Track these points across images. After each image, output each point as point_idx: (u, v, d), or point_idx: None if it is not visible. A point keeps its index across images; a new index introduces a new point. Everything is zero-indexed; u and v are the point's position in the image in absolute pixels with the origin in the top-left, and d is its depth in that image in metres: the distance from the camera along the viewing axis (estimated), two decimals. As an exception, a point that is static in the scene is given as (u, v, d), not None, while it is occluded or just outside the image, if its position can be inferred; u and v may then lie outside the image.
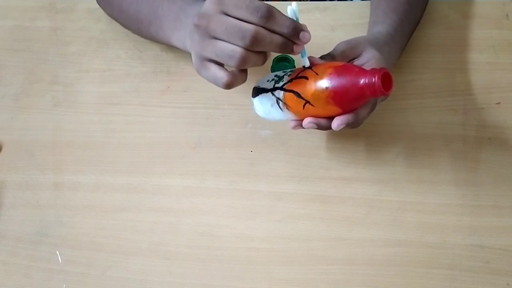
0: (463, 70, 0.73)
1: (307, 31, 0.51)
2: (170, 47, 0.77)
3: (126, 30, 0.78)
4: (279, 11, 0.49)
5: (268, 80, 0.60)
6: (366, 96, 0.51)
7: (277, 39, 0.50)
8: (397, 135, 0.69)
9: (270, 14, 0.49)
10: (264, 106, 0.61)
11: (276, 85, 0.58)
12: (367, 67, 0.59)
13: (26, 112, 0.75)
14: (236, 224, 0.65)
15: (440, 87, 0.72)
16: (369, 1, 0.78)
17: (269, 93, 0.59)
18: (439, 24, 0.77)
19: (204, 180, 0.68)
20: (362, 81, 0.50)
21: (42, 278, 0.63)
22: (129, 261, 0.64)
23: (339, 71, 0.52)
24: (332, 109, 0.54)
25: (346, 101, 0.53)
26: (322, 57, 0.58)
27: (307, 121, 0.57)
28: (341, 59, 0.59)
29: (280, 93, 0.58)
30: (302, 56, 0.55)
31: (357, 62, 0.61)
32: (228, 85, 0.53)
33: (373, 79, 0.50)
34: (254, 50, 0.50)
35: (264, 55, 0.52)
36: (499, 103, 0.70)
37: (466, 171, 0.67)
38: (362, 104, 0.55)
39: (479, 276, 0.61)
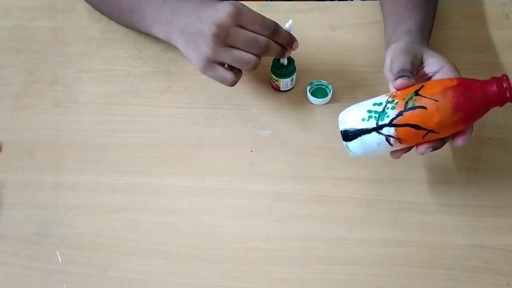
0: (463, 70, 0.72)
1: (297, 41, 0.65)
2: (170, 47, 0.77)
3: (126, 30, 0.79)
4: (281, 26, 0.63)
5: (363, 119, 0.56)
6: (494, 106, 0.52)
7: (277, 48, 0.64)
8: (397, 135, 0.69)
9: (276, 29, 0.62)
10: (366, 147, 0.57)
11: (381, 122, 0.55)
12: (443, 73, 0.58)
13: (26, 112, 0.75)
14: (236, 224, 0.65)
15: (440, 87, 0.72)
16: (369, 1, 0.78)
17: (373, 132, 0.55)
18: (439, 24, 0.77)
19: (204, 180, 0.68)
20: (492, 92, 0.51)
21: (42, 278, 0.63)
22: (129, 261, 0.64)
23: (461, 91, 0.52)
24: (457, 128, 0.54)
25: (475, 117, 0.53)
26: (400, 76, 0.56)
27: (424, 148, 0.56)
28: (414, 70, 0.58)
29: (390, 130, 0.54)
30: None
31: (429, 69, 0.59)
32: (234, 83, 0.64)
33: (504, 85, 0.50)
34: (264, 54, 0.62)
35: (260, 58, 0.63)
36: (499, 103, 0.70)
37: (466, 171, 0.67)
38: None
39: (479, 276, 0.61)
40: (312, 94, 0.72)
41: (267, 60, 0.69)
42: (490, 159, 0.68)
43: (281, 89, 0.73)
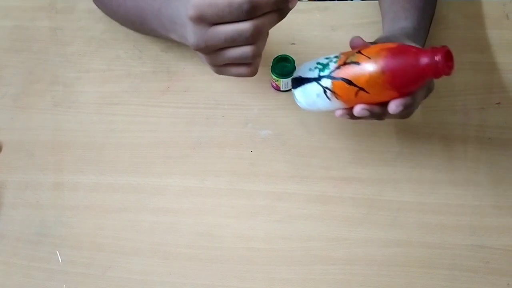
0: (463, 70, 0.73)
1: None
2: (170, 47, 0.77)
3: (126, 30, 0.79)
4: None
5: (310, 69, 0.57)
6: (427, 77, 0.49)
7: (268, 20, 0.50)
8: (397, 135, 0.69)
9: (253, 5, 0.48)
10: (307, 96, 0.57)
11: (322, 74, 0.55)
12: None
13: (26, 112, 0.75)
14: (236, 224, 0.65)
15: (440, 87, 0.72)
16: (369, 1, 0.78)
17: (314, 82, 0.56)
18: (439, 24, 0.77)
19: (204, 180, 0.68)
20: (423, 61, 0.48)
21: (42, 278, 0.63)
22: (129, 261, 0.64)
23: (395, 53, 0.50)
24: (388, 94, 0.52)
25: (405, 84, 0.51)
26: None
27: (359, 108, 0.54)
28: None
29: (327, 82, 0.55)
30: None
31: None
32: (254, 73, 0.54)
33: (435, 58, 0.48)
34: (259, 39, 0.51)
35: (267, 34, 0.52)
36: (499, 103, 0.70)
37: (466, 171, 0.67)
38: (421, 86, 0.52)
39: (479, 276, 0.61)
40: (312, 94, 0.72)
41: (267, 60, 0.69)
42: (490, 159, 0.68)
43: (281, 89, 0.73)
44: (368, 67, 0.51)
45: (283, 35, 0.78)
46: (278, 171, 0.68)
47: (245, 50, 0.51)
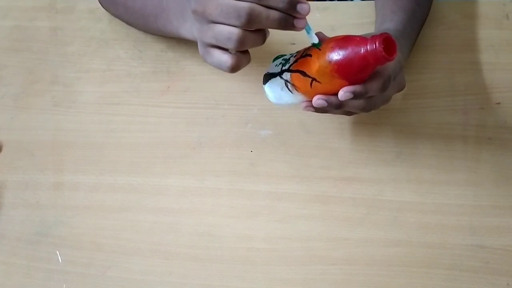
0: (463, 70, 0.73)
1: (305, 3, 0.48)
2: (170, 47, 0.77)
3: (126, 30, 0.78)
4: None
5: (276, 65, 0.60)
6: (370, 64, 0.50)
7: (274, 14, 0.48)
8: (397, 135, 0.69)
9: None
10: (274, 91, 0.60)
11: (283, 68, 0.58)
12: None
13: (26, 112, 0.75)
14: (236, 224, 0.65)
15: (440, 87, 0.72)
16: (369, 1, 0.78)
17: (278, 77, 0.58)
18: (439, 24, 0.77)
19: (204, 180, 0.68)
20: (363, 49, 0.50)
21: (42, 278, 0.63)
22: (129, 261, 0.64)
23: (340, 43, 0.52)
24: (338, 83, 0.53)
25: (351, 72, 0.52)
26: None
27: (316, 98, 0.55)
28: None
29: (287, 75, 0.57)
30: (308, 32, 0.54)
31: None
32: (233, 69, 0.51)
33: (374, 45, 0.49)
34: (252, 29, 0.49)
35: (263, 33, 0.51)
36: (499, 103, 0.70)
37: (466, 171, 0.67)
38: (369, 74, 0.53)
39: (479, 276, 0.61)
40: (312, 94, 0.72)
41: (267, 60, 0.69)
42: (490, 159, 0.68)
43: (281, 89, 0.73)
44: (317, 58, 0.53)
45: (283, 35, 0.78)
46: (278, 171, 0.68)
47: (233, 30, 0.48)
